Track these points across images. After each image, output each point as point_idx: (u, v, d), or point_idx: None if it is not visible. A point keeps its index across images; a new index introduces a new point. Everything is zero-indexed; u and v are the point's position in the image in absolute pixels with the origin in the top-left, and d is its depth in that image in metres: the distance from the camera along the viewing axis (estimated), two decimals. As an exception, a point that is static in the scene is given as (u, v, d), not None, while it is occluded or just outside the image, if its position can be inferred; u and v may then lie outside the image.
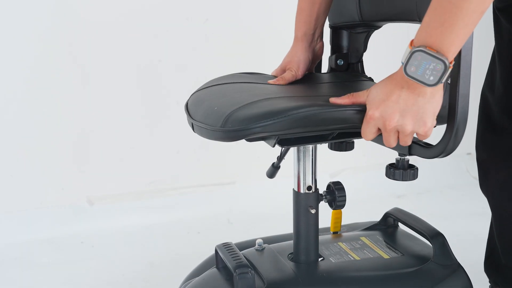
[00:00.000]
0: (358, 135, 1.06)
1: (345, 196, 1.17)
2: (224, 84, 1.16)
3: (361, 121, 0.97)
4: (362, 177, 2.51)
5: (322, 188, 1.19)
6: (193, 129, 1.05)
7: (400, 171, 1.05)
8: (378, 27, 1.25)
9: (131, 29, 2.22)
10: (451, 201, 2.46)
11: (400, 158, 1.07)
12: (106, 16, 2.18)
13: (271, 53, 2.42)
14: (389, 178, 1.07)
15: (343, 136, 1.06)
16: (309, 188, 1.16)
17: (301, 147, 1.15)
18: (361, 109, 0.97)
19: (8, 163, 2.14)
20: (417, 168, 1.07)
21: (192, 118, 1.04)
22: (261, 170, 2.47)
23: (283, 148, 1.12)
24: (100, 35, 2.18)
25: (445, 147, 0.96)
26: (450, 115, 0.95)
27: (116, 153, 2.28)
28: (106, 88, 2.23)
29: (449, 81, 0.95)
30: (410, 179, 1.06)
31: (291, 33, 1.25)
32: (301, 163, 1.17)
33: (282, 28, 2.40)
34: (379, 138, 1.00)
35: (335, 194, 1.17)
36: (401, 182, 1.09)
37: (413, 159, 1.05)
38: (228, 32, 2.34)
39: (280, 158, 1.19)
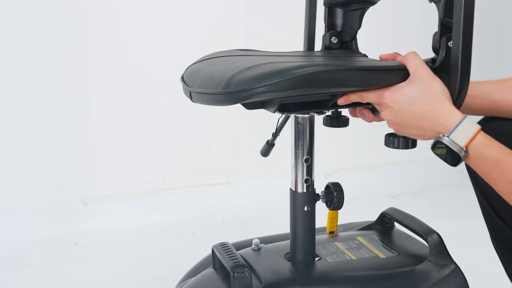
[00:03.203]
0: (357, 104, 1.06)
1: (343, 197, 1.17)
2: (221, 57, 1.15)
3: (361, 84, 0.98)
4: (357, 177, 2.51)
5: (318, 188, 1.19)
6: (191, 99, 1.02)
7: (400, 139, 1.04)
8: (373, 3, 1.24)
9: (125, 29, 2.21)
10: (445, 201, 2.46)
11: None
12: (100, 16, 2.17)
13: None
14: (388, 147, 1.05)
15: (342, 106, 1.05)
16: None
17: (299, 118, 1.12)
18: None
19: (1, 163, 2.13)
20: None
21: (190, 87, 1.02)
22: (255, 170, 2.48)
23: (279, 122, 1.10)
24: (94, 35, 2.17)
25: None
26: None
27: (110, 153, 2.27)
28: (100, 88, 2.22)
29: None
30: (410, 147, 1.03)
31: (285, 34, 1.24)
32: (300, 137, 1.12)
33: (277, 28, 2.40)
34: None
35: (334, 195, 1.16)
36: (396, 182, 1.08)
37: (407, 159, 1.05)
38: (223, 32, 2.34)
39: (276, 134, 1.17)
